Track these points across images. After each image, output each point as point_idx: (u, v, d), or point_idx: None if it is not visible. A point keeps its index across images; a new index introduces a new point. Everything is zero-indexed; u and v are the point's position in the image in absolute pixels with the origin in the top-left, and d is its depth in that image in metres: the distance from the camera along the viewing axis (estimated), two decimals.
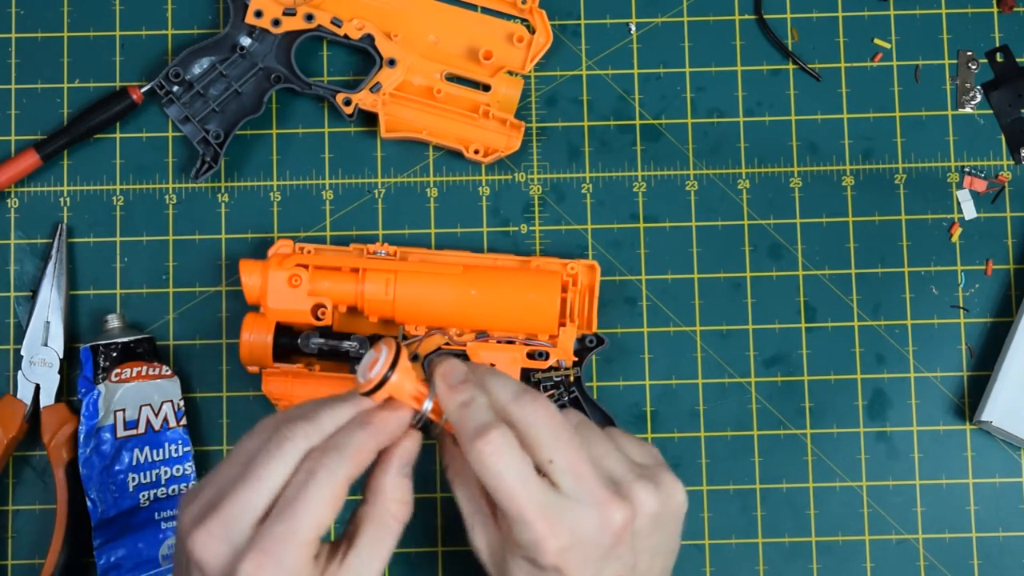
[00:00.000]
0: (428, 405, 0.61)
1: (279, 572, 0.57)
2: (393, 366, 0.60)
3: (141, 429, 0.78)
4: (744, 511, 0.80)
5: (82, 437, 0.77)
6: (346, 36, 0.81)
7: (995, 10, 0.84)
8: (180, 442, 0.79)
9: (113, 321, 0.79)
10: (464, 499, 0.63)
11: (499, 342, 0.77)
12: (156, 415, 0.78)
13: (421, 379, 0.62)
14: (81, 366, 0.78)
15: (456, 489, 0.64)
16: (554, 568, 0.60)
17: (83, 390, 0.78)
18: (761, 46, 0.83)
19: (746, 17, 0.84)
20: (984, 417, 0.79)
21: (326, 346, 0.76)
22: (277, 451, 0.59)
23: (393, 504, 0.60)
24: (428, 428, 0.64)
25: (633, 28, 0.84)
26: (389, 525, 0.60)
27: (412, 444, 0.62)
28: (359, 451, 0.60)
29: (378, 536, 0.60)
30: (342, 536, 0.61)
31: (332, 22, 0.81)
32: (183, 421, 0.79)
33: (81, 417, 0.77)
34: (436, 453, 0.80)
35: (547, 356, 0.78)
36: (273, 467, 0.59)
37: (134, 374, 0.78)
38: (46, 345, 0.79)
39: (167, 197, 0.82)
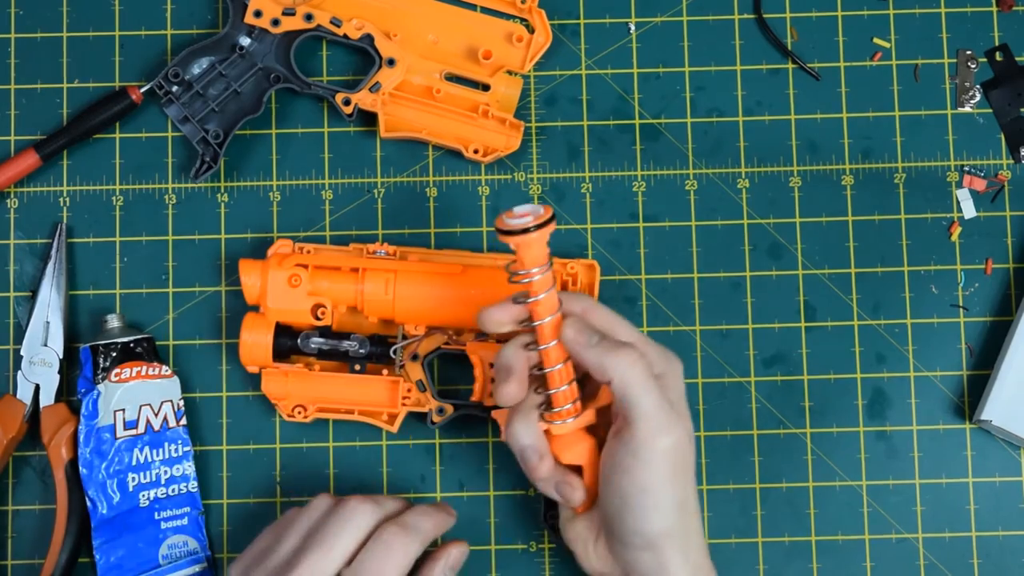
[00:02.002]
0: (538, 278, 0.67)
1: None
2: (542, 227, 0.66)
3: (141, 429, 0.78)
4: (744, 511, 0.80)
5: (82, 437, 0.77)
6: (345, 36, 0.81)
7: (995, 9, 0.84)
8: (180, 442, 0.79)
9: (113, 321, 0.79)
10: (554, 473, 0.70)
11: (499, 342, 0.77)
12: (156, 415, 0.78)
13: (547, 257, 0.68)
14: (81, 366, 0.78)
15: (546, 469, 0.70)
16: (677, 449, 0.67)
17: (83, 390, 0.78)
18: (760, 46, 0.83)
19: (745, 17, 0.84)
20: (984, 416, 0.79)
21: (326, 346, 0.76)
22: (348, 523, 0.67)
23: None
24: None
25: (632, 28, 0.84)
26: None
27: (459, 551, 0.71)
28: (428, 533, 0.69)
29: None
30: None
31: (331, 22, 0.81)
32: (183, 421, 0.79)
33: (81, 417, 0.77)
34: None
35: None
36: (345, 536, 0.67)
37: (134, 374, 0.78)
38: (46, 345, 0.79)
39: (167, 197, 0.82)
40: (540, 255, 0.67)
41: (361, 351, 0.76)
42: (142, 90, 0.81)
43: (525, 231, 0.66)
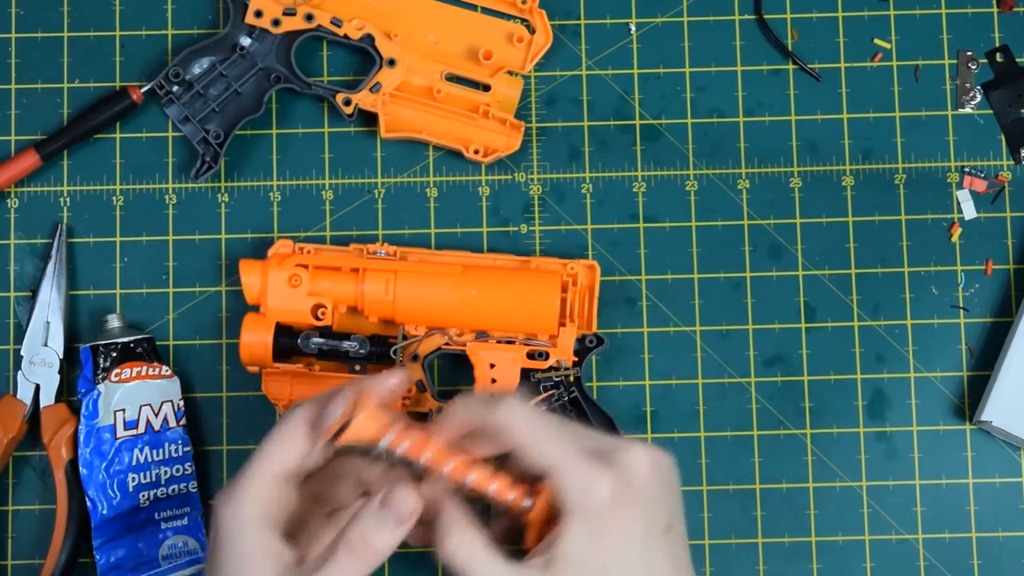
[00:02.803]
0: (388, 439, 0.63)
1: (243, 495, 0.61)
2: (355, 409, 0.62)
3: (141, 429, 0.78)
4: (744, 511, 0.80)
5: (82, 437, 0.77)
6: (346, 36, 0.81)
7: (995, 10, 0.84)
8: (180, 442, 0.79)
9: (113, 321, 0.79)
10: (453, 525, 0.63)
11: (499, 342, 0.77)
12: (156, 415, 0.78)
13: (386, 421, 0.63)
14: (81, 366, 0.78)
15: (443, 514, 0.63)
16: (609, 504, 0.61)
17: (83, 390, 0.78)
18: (761, 46, 0.83)
19: (746, 17, 0.84)
20: (984, 417, 0.79)
21: (326, 346, 0.76)
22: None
23: (366, 534, 0.61)
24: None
25: (633, 28, 0.84)
26: (360, 552, 0.61)
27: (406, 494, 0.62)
28: (321, 398, 0.63)
29: (348, 559, 0.60)
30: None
31: (332, 22, 0.81)
32: (183, 421, 0.79)
33: (81, 417, 0.77)
34: None
35: (547, 356, 0.78)
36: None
37: (134, 374, 0.78)
38: (46, 345, 0.79)
39: (167, 197, 0.82)
40: (375, 428, 0.63)
41: (361, 351, 0.76)
42: (142, 90, 0.81)
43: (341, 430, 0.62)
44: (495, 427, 0.63)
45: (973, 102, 0.83)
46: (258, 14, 0.80)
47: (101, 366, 0.78)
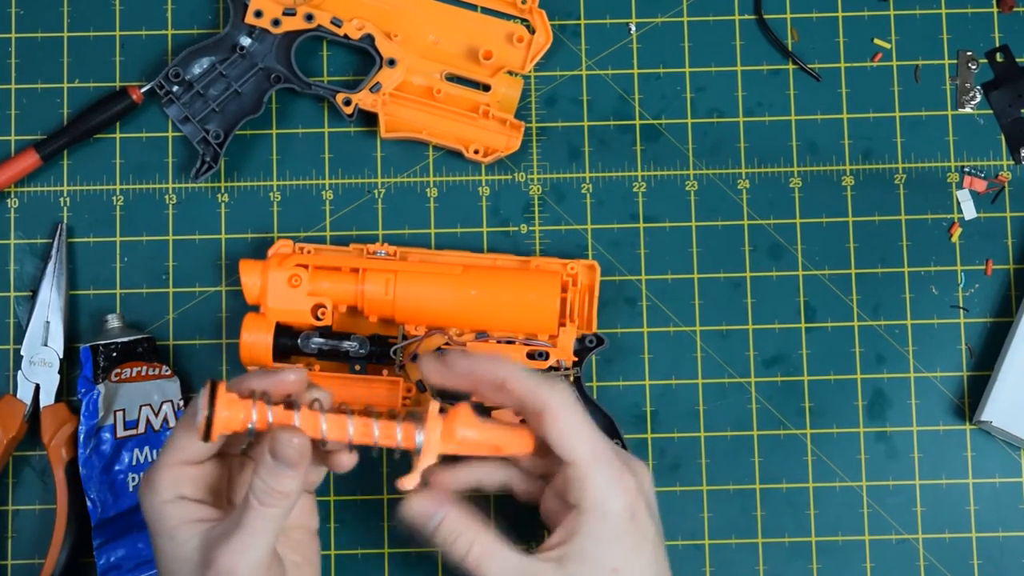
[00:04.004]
0: (255, 419, 0.63)
1: (154, 483, 0.64)
2: (212, 406, 0.62)
3: (141, 429, 0.78)
4: (744, 511, 0.80)
5: (82, 437, 0.77)
6: (346, 36, 0.81)
7: (995, 10, 0.84)
8: None
9: (113, 321, 0.79)
10: (460, 528, 0.65)
11: (499, 342, 0.77)
12: (156, 415, 0.78)
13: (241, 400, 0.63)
14: (81, 366, 0.78)
15: (445, 524, 0.65)
16: (628, 509, 0.63)
17: (83, 390, 0.78)
18: (761, 46, 0.83)
19: (746, 17, 0.84)
20: (984, 417, 0.79)
21: (326, 346, 0.76)
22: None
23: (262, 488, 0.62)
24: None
25: (633, 28, 0.84)
26: (268, 500, 0.62)
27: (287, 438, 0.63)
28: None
29: (260, 508, 0.62)
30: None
31: (332, 22, 0.81)
32: None
33: (81, 417, 0.77)
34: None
35: (547, 356, 0.77)
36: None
37: (134, 374, 0.78)
38: (46, 345, 0.79)
39: (167, 197, 0.82)
40: (237, 417, 0.63)
41: (361, 351, 0.76)
42: (142, 90, 0.81)
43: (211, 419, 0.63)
44: (536, 406, 0.64)
45: (973, 102, 0.83)
46: (258, 14, 0.80)
47: (101, 366, 0.78)
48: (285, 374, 0.65)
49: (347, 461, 0.66)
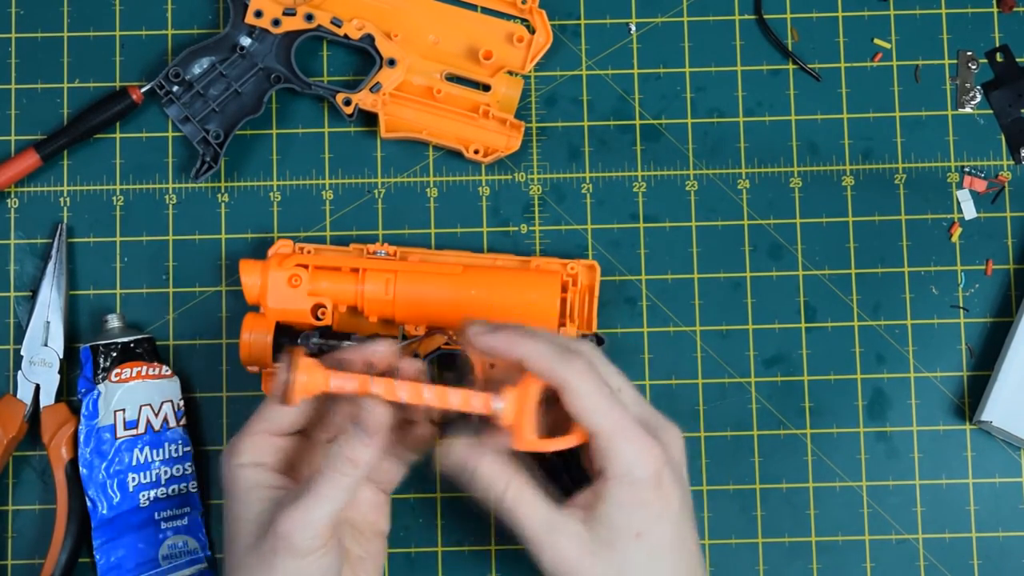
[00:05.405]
0: (334, 385, 0.66)
1: (236, 449, 0.69)
2: (293, 370, 0.65)
3: (141, 429, 0.78)
4: (744, 511, 0.80)
5: (82, 437, 0.77)
6: (346, 36, 0.81)
7: (995, 10, 0.84)
8: (180, 442, 0.79)
9: (113, 321, 0.79)
10: (496, 473, 0.66)
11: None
12: (156, 415, 0.78)
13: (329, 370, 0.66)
14: (81, 366, 0.78)
15: (483, 467, 0.67)
16: (654, 478, 0.65)
17: (83, 390, 0.78)
18: (761, 46, 0.83)
19: (746, 17, 0.84)
20: (984, 417, 0.79)
21: (326, 346, 0.76)
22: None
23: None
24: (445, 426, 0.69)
25: (633, 28, 0.84)
26: (340, 467, 0.65)
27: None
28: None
29: (331, 473, 0.65)
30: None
31: (332, 22, 0.81)
32: (183, 421, 0.79)
33: (81, 417, 0.77)
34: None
35: None
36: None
37: (134, 374, 0.78)
38: (46, 345, 0.79)
39: (167, 197, 0.82)
40: (316, 381, 0.66)
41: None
42: (143, 90, 0.81)
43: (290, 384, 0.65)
44: (555, 384, 0.65)
45: (973, 102, 0.83)
46: (258, 14, 0.80)
47: (101, 366, 0.78)
48: (376, 345, 0.68)
49: (427, 434, 0.70)
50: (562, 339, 0.67)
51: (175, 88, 0.80)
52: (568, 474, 0.72)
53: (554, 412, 0.67)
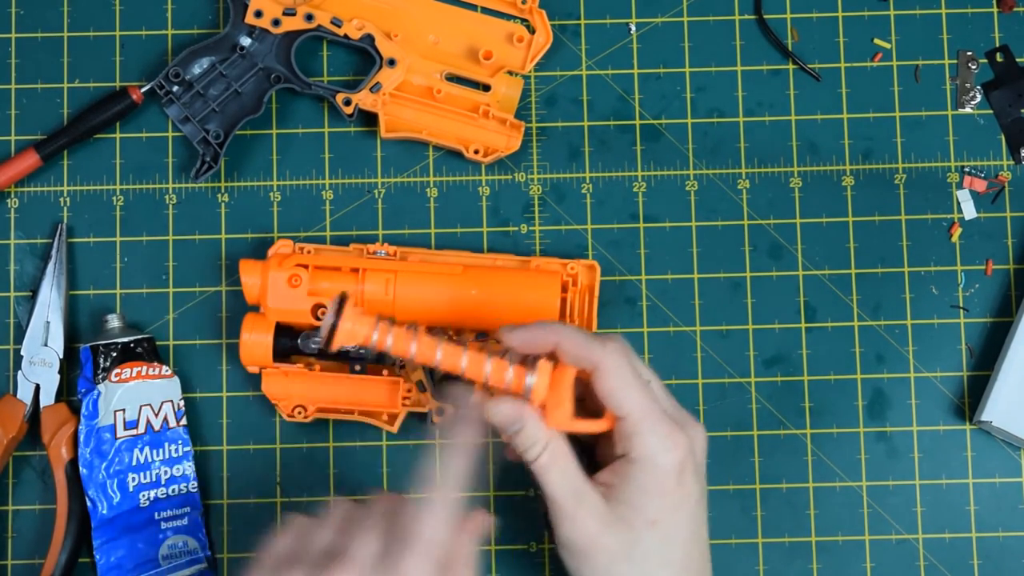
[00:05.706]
0: (375, 338, 0.67)
1: None
2: (339, 315, 0.66)
3: (141, 429, 0.78)
4: (744, 511, 0.80)
5: (82, 437, 0.77)
6: (346, 36, 0.81)
7: (995, 10, 0.84)
8: (180, 442, 0.79)
9: (113, 321, 0.79)
10: (540, 432, 0.67)
11: (499, 342, 0.77)
12: (156, 415, 0.78)
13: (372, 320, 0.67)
14: (81, 366, 0.78)
15: (530, 425, 0.67)
16: (677, 467, 0.66)
17: (83, 390, 0.78)
18: (761, 46, 0.83)
19: (746, 17, 0.84)
20: (984, 417, 0.79)
21: None
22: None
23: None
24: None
25: (633, 28, 0.84)
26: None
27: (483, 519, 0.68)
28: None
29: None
30: None
31: (332, 22, 0.81)
32: (183, 421, 0.79)
33: (81, 417, 0.77)
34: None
35: None
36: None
37: (134, 374, 0.78)
38: (46, 345, 0.79)
39: (167, 197, 0.82)
40: (361, 330, 0.67)
41: (361, 351, 0.76)
42: (143, 90, 0.81)
43: (335, 328, 0.66)
44: (589, 365, 0.66)
45: (973, 102, 0.83)
46: (258, 14, 0.80)
47: (101, 366, 0.78)
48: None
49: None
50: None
51: (175, 88, 0.80)
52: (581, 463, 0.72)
53: (581, 408, 0.69)
